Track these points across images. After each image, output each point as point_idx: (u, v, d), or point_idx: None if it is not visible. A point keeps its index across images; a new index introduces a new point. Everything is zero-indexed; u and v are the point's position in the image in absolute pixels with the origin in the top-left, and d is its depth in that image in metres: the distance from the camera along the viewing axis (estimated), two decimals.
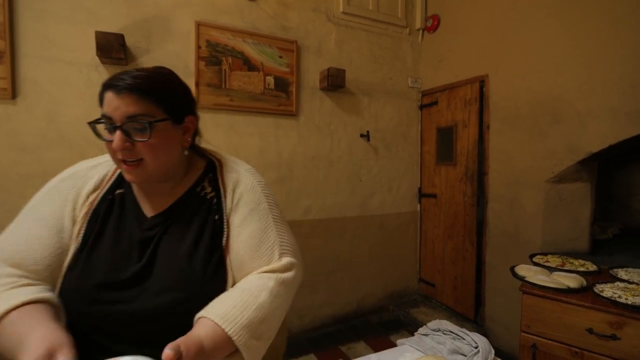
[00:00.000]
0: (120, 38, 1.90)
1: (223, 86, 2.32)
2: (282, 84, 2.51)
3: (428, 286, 3.14)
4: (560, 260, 1.83)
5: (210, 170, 0.89)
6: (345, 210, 2.86)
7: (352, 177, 2.88)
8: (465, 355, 0.97)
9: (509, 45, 2.37)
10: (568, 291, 1.46)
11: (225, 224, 0.81)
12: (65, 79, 1.93)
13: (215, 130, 2.31)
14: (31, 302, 0.63)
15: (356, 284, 2.94)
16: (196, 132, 0.89)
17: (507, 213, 2.43)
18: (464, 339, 1.02)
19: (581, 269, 1.70)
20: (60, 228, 0.75)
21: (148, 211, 0.82)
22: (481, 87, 2.58)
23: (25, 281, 0.68)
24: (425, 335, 1.10)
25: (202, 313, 0.67)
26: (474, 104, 2.62)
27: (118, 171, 0.85)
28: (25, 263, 0.70)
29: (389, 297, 3.11)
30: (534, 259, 1.88)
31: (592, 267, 1.72)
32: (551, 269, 1.71)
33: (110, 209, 0.80)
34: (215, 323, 0.64)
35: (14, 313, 0.61)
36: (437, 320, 1.15)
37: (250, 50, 2.40)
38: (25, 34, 1.84)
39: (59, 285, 0.73)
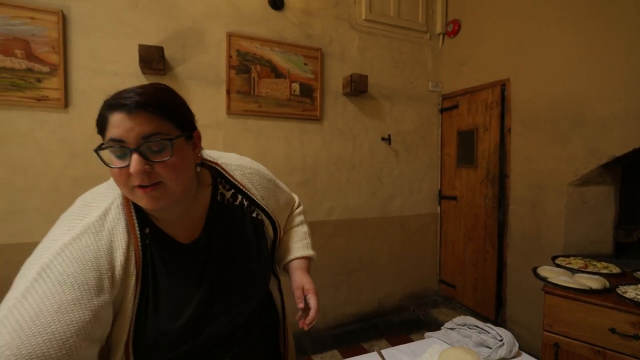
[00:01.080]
0: (160, 50, 2.05)
1: (252, 93, 2.44)
2: (307, 90, 2.62)
3: (448, 287, 3.18)
4: (583, 262, 1.86)
5: (216, 175, 0.84)
6: (366, 211, 2.94)
7: (373, 180, 2.95)
8: (491, 348, 1.04)
9: (530, 50, 2.40)
10: (590, 292, 1.50)
11: (259, 209, 0.87)
12: (110, 88, 2.08)
13: (244, 136, 2.44)
14: None
15: (377, 283, 3.01)
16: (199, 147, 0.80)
17: (529, 215, 2.46)
18: (489, 332, 1.10)
19: (604, 271, 1.73)
20: (97, 286, 0.62)
21: (182, 239, 0.75)
22: (502, 91, 2.61)
23: None
24: (452, 329, 1.17)
25: (292, 256, 0.96)
26: (495, 107, 2.65)
27: (130, 208, 0.70)
28: (58, 346, 0.56)
29: (409, 297, 3.17)
30: (556, 261, 1.91)
31: (615, 270, 1.74)
32: (573, 271, 1.75)
33: (147, 249, 0.70)
34: (303, 257, 0.97)
35: None
36: (463, 316, 1.22)
37: (277, 58, 2.52)
38: (76, 48, 2.01)
39: (127, 335, 0.66)
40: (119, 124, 0.61)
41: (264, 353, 0.92)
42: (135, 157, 0.60)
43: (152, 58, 2.03)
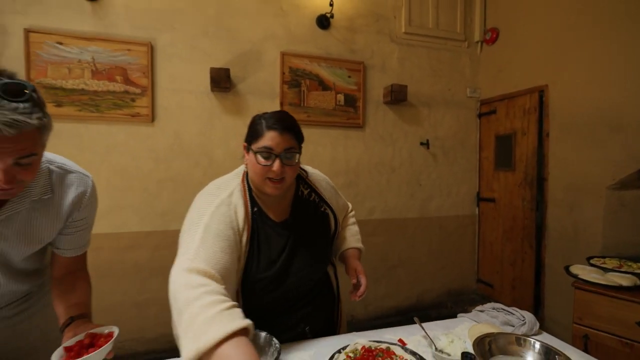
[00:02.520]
0: (227, 71, 2.41)
1: (302, 104, 2.75)
2: (350, 100, 2.88)
3: (486, 286, 3.28)
4: (618, 262, 1.94)
5: (298, 178, 1.14)
6: (405, 211, 3.14)
7: (412, 182, 3.15)
8: (514, 326, 1.24)
9: (569, 57, 2.48)
10: (619, 288, 1.61)
11: (326, 205, 1.17)
12: (186, 105, 2.49)
13: None
14: (241, 330, 0.70)
15: (415, 280, 3.19)
16: None
17: (567, 217, 2.53)
18: (513, 314, 1.29)
19: (638, 271, 1.81)
20: (233, 240, 0.94)
21: (275, 217, 1.07)
22: (540, 97, 2.70)
23: (230, 303, 0.75)
24: (481, 311, 1.37)
25: (347, 246, 1.27)
26: (533, 112, 2.74)
27: (246, 195, 1.02)
28: (222, 270, 0.85)
29: (447, 295, 3.31)
30: (591, 261, 2.01)
31: None
32: (606, 270, 1.84)
33: (254, 220, 1.03)
34: (356, 248, 1.28)
35: (228, 343, 0.67)
36: (492, 303, 1.42)
37: (324, 72, 2.80)
38: (160, 72, 2.42)
39: (239, 277, 0.99)
40: (272, 138, 0.94)
41: (323, 319, 1.23)
42: (277, 161, 0.95)
43: (221, 78, 2.40)
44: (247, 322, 0.72)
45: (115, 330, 0.88)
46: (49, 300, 1.06)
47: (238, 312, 0.75)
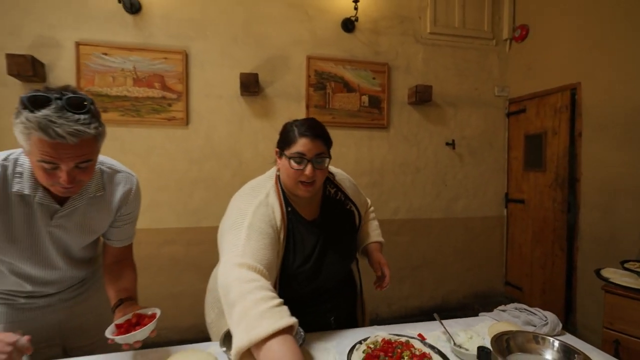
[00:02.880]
0: (255, 76, 2.53)
1: (327, 106, 2.82)
2: (375, 101, 2.92)
3: (515, 289, 3.21)
4: None
5: (325, 179, 1.19)
6: (430, 212, 3.13)
7: (437, 182, 3.13)
8: (535, 326, 1.24)
9: (603, 53, 2.39)
10: None
11: (350, 203, 1.26)
12: (217, 109, 2.64)
13: None
14: (288, 327, 0.77)
15: (440, 280, 3.18)
16: None
17: (601, 220, 2.44)
18: (536, 314, 1.29)
19: None
20: (274, 237, 1.02)
21: (307, 216, 1.16)
22: (572, 95, 2.61)
23: (278, 300, 0.83)
24: (504, 311, 1.39)
25: (369, 240, 1.33)
26: (565, 111, 2.66)
27: (281, 197, 1.10)
28: (267, 264, 0.93)
29: (474, 296, 3.27)
30: (625, 265, 1.94)
31: None
32: None
33: (289, 219, 1.11)
34: (378, 242, 1.34)
35: (276, 339, 0.74)
36: (515, 303, 1.42)
37: (349, 75, 2.86)
38: (194, 78, 2.58)
39: (278, 271, 1.06)
40: (304, 144, 1.02)
41: (347, 311, 1.32)
42: (309, 166, 1.02)
43: (250, 83, 2.51)
44: (293, 320, 0.79)
45: (158, 312, 0.99)
46: (101, 285, 1.20)
47: (285, 309, 0.82)
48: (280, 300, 0.84)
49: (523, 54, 3.09)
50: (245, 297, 0.81)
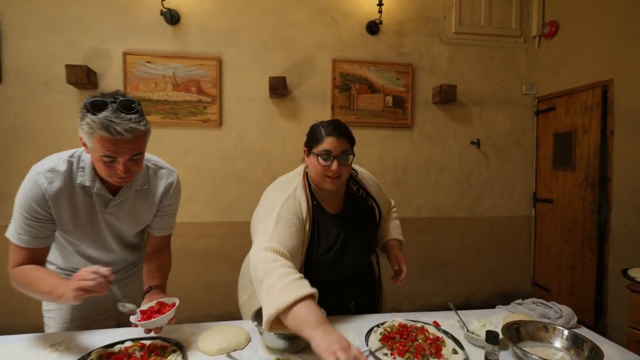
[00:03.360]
0: (284, 79, 2.67)
1: (352, 107, 2.92)
2: (399, 102, 2.98)
3: (542, 290, 3.16)
4: None
5: (348, 176, 1.29)
6: (454, 210, 3.15)
7: (461, 181, 3.15)
8: (550, 319, 1.29)
9: (636, 49, 2.32)
10: None
11: (371, 199, 1.37)
12: (248, 110, 2.80)
13: None
14: (309, 295, 0.91)
15: (465, 279, 3.19)
16: None
17: (634, 220, 2.37)
18: (551, 307, 1.33)
19: None
20: (299, 227, 1.14)
21: (331, 209, 1.27)
22: (604, 92, 2.55)
23: (299, 275, 0.97)
24: (520, 304, 1.43)
25: (389, 237, 1.39)
26: (596, 109, 2.60)
27: (308, 191, 1.23)
28: (290, 250, 1.06)
29: (499, 296, 3.25)
30: None
31: None
32: None
33: (314, 211, 1.23)
34: (397, 240, 1.40)
35: (300, 304, 0.88)
36: (532, 298, 1.46)
37: (373, 76, 2.94)
38: (227, 83, 2.76)
39: (303, 258, 1.18)
40: (330, 142, 1.14)
41: (367, 298, 1.42)
42: (335, 162, 1.14)
43: (278, 86, 2.66)
44: (314, 290, 0.93)
45: (177, 302, 1.09)
46: None
47: (306, 282, 0.95)
48: (300, 275, 0.97)
49: (552, 51, 3.04)
50: (270, 274, 0.95)
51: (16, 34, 2.51)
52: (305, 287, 0.92)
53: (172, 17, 2.62)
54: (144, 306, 1.10)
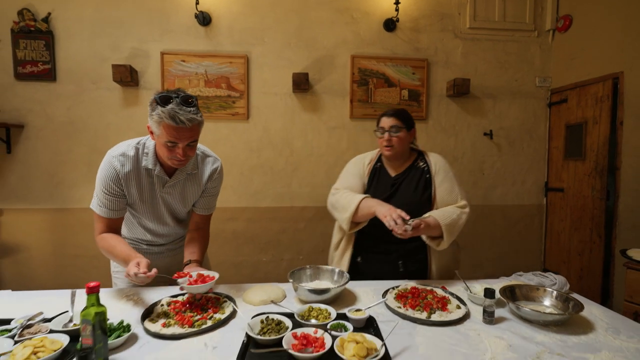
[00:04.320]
0: (306, 75, 2.88)
1: (369, 101, 3.10)
2: (414, 95, 3.14)
3: None
4: None
5: (419, 156, 1.71)
6: (468, 199, 3.28)
7: (475, 171, 3.29)
8: (545, 286, 1.47)
9: None
10: None
11: (432, 180, 1.62)
12: (273, 104, 3.03)
13: (363, 134, 3.12)
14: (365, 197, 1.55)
15: (477, 264, 3.35)
16: (414, 137, 1.70)
17: None
18: (547, 277, 1.51)
19: None
20: (357, 174, 1.69)
21: (391, 172, 1.68)
22: (615, 84, 2.65)
23: (354, 193, 1.61)
24: (520, 275, 1.62)
25: (429, 214, 1.49)
26: (606, 100, 2.70)
27: (377, 158, 1.72)
28: (348, 187, 1.65)
29: None
30: None
31: None
32: None
33: (376, 170, 1.70)
34: (434, 218, 1.48)
35: (364, 201, 1.54)
36: (532, 271, 1.64)
37: (390, 71, 3.11)
38: (253, 79, 2.99)
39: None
40: (385, 121, 1.60)
41: (415, 262, 1.62)
42: (387, 134, 1.57)
43: (301, 81, 2.87)
44: (367, 195, 1.57)
45: (217, 275, 1.28)
46: None
47: (360, 194, 1.57)
48: (355, 193, 1.59)
49: (566, 45, 3.13)
50: (338, 199, 1.62)
51: (67, 37, 2.80)
52: (361, 195, 1.56)
53: (204, 19, 2.86)
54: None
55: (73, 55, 2.81)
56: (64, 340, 0.95)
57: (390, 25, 3.07)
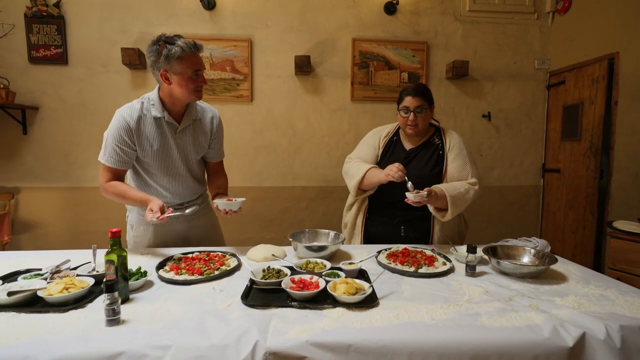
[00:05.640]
0: (308, 58, 2.96)
1: (369, 83, 3.18)
2: (414, 77, 3.21)
3: None
4: None
5: (436, 132, 1.75)
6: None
7: (473, 153, 3.34)
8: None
9: None
10: None
11: (445, 156, 1.68)
12: (276, 87, 3.12)
13: (363, 116, 3.21)
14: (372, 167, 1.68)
15: (474, 243, 3.44)
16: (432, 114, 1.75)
17: (632, 185, 2.56)
18: (531, 241, 1.62)
19: None
20: (374, 147, 1.77)
21: (407, 146, 1.74)
22: (610, 65, 2.69)
23: (365, 163, 1.73)
24: (507, 241, 1.72)
25: (438, 186, 1.54)
26: (602, 81, 2.75)
27: (394, 131, 1.79)
28: (362, 158, 1.77)
29: None
30: None
31: None
32: None
33: (392, 143, 1.77)
34: (442, 189, 1.53)
35: (370, 170, 1.66)
36: (518, 238, 1.74)
37: (390, 53, 3.18)
38: (257, 62, 3.08)
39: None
40: (409, 100, 1.62)
41: (418, 229, 1.72)
42: (412, 114, 1.61)
43: (303, 64, 2.95)
44: (374, 165, 1.70)
45: (244, 199, 1.54)
46: (209, 209, 1.75)
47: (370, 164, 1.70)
48: (365, 163, 1.72)
49: (565, 27, 3.16)
50: (350, 167, 1.75)
51: (78, 22, 2.91)
52: (368, 165, 1.68)
53: (208, 3, 2.94)
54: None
55: (84, 39, 2.92)
56: (90, 281, 1.08)
57: (390, 8, 3.13)
